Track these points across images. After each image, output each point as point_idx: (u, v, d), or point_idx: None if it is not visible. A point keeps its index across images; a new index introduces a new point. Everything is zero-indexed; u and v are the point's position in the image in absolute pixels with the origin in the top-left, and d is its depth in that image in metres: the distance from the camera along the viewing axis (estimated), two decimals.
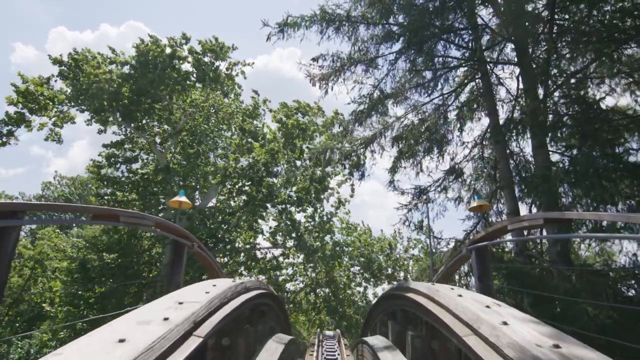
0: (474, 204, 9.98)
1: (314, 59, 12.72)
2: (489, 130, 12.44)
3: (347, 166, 13.30)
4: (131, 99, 21.61)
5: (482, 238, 6.89)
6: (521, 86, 12.34)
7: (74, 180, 38.32)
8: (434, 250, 31.73)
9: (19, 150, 79.96)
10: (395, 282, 29.09)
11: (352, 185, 26.16)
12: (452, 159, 13.19)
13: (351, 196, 26.35)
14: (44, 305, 22.21)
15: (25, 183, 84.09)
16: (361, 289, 28.71)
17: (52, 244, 26.50)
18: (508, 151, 11.94)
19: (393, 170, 13.43)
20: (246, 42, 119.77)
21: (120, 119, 22.93)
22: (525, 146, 13.03)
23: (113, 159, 23.69)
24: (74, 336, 22.09)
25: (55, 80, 20.87)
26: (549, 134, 10.40)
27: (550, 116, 10.93)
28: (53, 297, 22.23)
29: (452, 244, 13.81)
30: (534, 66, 11.49)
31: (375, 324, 10.59)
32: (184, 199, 11.25)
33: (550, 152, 11.02)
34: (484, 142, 12.92)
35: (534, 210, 11.29)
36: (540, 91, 11.10)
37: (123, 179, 24.02)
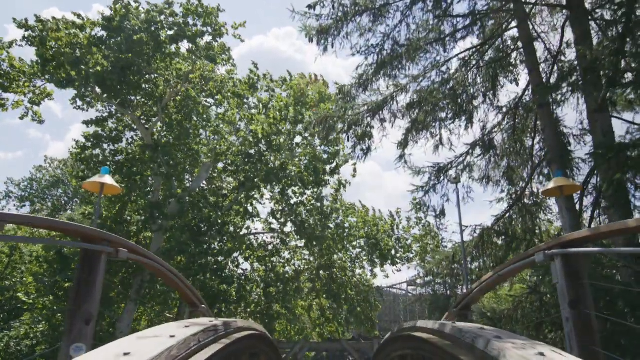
0: (550, 184, 7.08)
1: (310, 6, 9.82)
2: (527, 92, 9.61)
3: (350, 139, 10.51)
4: (111, 72, 18.65)
5: (582, 239, 4.18)
6: (567, 38, 9.46)
7: (65, 163, 35.57)
8: (444, 241, 29.16)
9: (16, 134, 76.98)
10: (398, 265, 26.63)
11: (355, 164, 23.42)
12: (481, 129, 10.39)
13: (353, 176, 23.58)
14: (19, 295, 19.65)
15: (25, 167, 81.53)
16: (360, 271, 26.31)
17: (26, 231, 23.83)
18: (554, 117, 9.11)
19: (404, 143, 10.63)
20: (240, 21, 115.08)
21: (101, 94, 19.99)
22: (569, 112, 10.26)
23: (96, 140, 20.86)
24: (52, 331, 19.83)
25: (21, 46, 17.91)
26: (612, 94, 7.56)
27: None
28: (29, 287, 19.66)
29: (477, 232, 11.10)
30: (590, 9, 8.59)
31: None
32: (108, 180, 7.88)
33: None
34: (519, 108, 10.07)
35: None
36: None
37: (108, 159, 21.22)
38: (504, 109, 10.12)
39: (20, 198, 38.96)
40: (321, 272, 23.50)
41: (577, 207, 8.59)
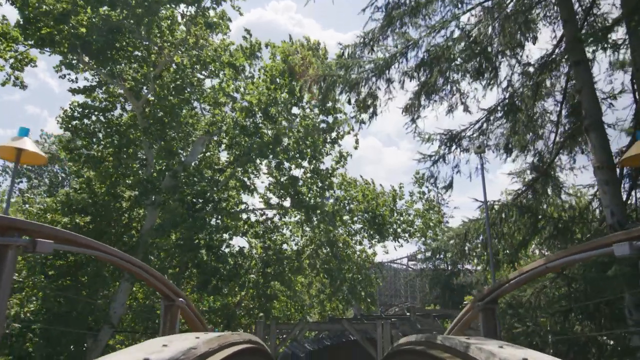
0: (633, 151, 5.62)
1: None
2: (560, 47, 8.16)
3: (352, 101, 9.09)
4: (97, 38, 17.06)
5: None
6: None
7: (59, 138, 33.94)
8: (446, 216, 27.93)
9: (14, 109, 75.23)
10: (399, 240, 25.47)
11: (357, 135, 21.98)
12: (503, 90, 8.95)
13: (355, 148, 22.17)
14: None
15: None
16: (360, 247, 25.22)
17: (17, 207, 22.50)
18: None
19: (416, 105, 9.21)
20: None
21: (88, 61, 18.44)
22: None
23: (86, 110, 19.41)
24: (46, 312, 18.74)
25: (0, 4, 16.30)
26: None
27: None
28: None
29: (494, 209, 9.77)
30: None
31: None
32: (28, 145, 5.84)
33: None
34: (547, 67, 8.61)
35: None
36: None
37: (98, 130, 19.80)
38: (530, 69, 8.68)
39: (17, 173, 37.67)
40: (320, 249, 22.30)
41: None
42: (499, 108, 9.49)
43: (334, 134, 20.27)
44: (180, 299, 5.98)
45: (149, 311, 24.21)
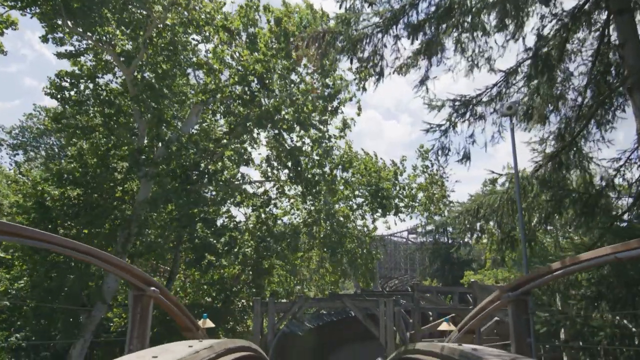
0: None
1: None
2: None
3: (354, 61, 7.90)
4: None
5: None
6: None
7: (46, 109, 32.67)
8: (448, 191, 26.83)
9: (11, 82, 73.41)
10: (401, 214, 24.55)
11: (359, 103, 20.74)
12: (525, 50, 7.73)
13: (358, 114, 20.94)
14: None
15: (22, 115, 78.71)
16: (362, 222, 24.32)
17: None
18: None
19: (424, 66, 8.03)
20: None
21: (73, 26, 17.06)
22: None
23: (74, 79, 18.12)
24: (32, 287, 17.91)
25: None
26: None
27: None
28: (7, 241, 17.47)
29: (508, 184, 8.69)
30: None
31: None
32: None
33: None
34: (581, 19, 7.38)
35: None
36: None
37: (87, 99, 18.57)
38: (560, 22, 7.44)
39: (12, 146, 36.56)
40: (320, 222, 21.32)
41: None
42: (519, 70, 8.31)
43: (335, 103, 19.00)
44: (153, 288, 4.95)
45: None
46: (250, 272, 19.85)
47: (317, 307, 18.35)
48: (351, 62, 7.97)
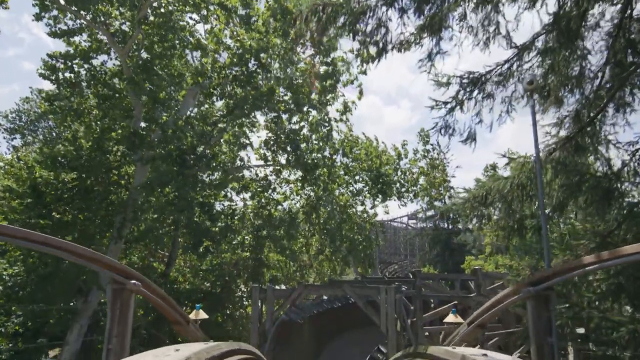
0: None
1: None
2: None
3: (356, 38, 7.28)
4: None
5: None
6: None
7: (40, 90, 31.84)
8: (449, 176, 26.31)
9: (10, 66, 72.38)
10: (403, 200, 24.08)
11: (360, 86, 20.09)
12: (544, 27, 7.10)
13: (359, 98, 20.30)
14: None
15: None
16: (362, 208, 23.90)
17: None
18: None
19: (434, 39, 7.41)
20: None
21: (65, 3, 16.31)
22: None
23: (68, 60, 17.44)
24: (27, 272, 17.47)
25: None
26: None
27: None
28: None
29: (526, 165, 8.12)
30: None
31: None
32: None
33: None
34: None
35: None
36: None
37: (81, 80, 17.91)
38: None
39: (10, 130, 35.91)
40: (319, 209, 20.82)
41: None
42: (534, 46, 7.68)
43: (336, 82, 18.32)
44: (133, 281, 4.43)
45: (145, 271, 23.16)
46: (250, 261, 19.44)
47: (316, 295, 17.93)
48: (353, 38, 7.34)
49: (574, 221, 7.76)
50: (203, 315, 7.33)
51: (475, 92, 8.40)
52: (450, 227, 37.87)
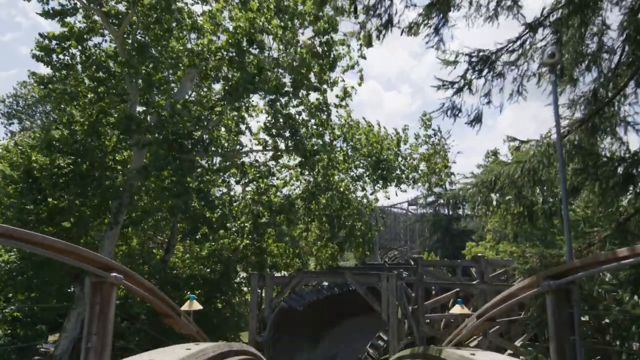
0: None
1: None
2: None
3: (357, 9, 6.76)
4: None
5: None
6: None
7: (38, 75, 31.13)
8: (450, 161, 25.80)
9: (7, 51, 71.36)
10: (403, 186, 23.65)
11: (361, 71, 19.54)
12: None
13: (359, 84, 19.74)
14: None
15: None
16: (362, 194, 23.50)
17: None
18: None
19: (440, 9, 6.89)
20: None
21: None
22: None
23: (62, 42, 16.81)
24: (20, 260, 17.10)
25: None
26: None
27: None
28: None
29: (534, 150, 7.66)
30: None
31: None
32: None
33: None
34: None
35: None
36: None
37: (75, 63, 17.32)
38: None
39: (7, 115, 35.31)
40: (319, 195, 20.38)
41: None
42: (548, 21, 7.15)
43: (337, 70, 17.75)
44: (114, 274, 3.99)
45: (145, 256, 22.81)
46: (249, 248, 19.08)
47: (316, 282, 17.60)
48: (355, 11, 6.82)
49: (586, 207, 7.32)
50: (197, 306, 6.92)
51: (485, 70, 7.91)
52: (450, 213, 37.52)
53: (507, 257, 26.41)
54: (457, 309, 7.04)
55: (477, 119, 8.16)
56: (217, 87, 18.67)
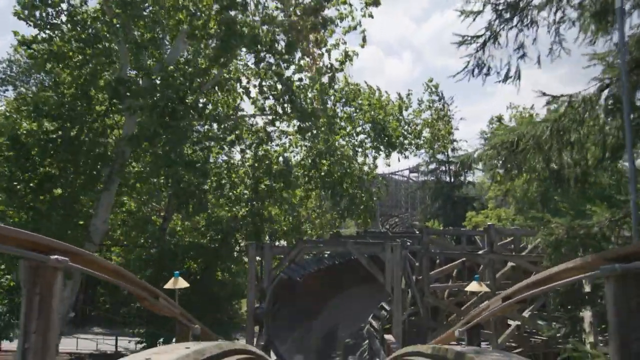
0: None
1: None
2: None
3: None
4: None
5: None
6: None
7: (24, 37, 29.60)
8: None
9: (4, 16, 68.80)
10: (406, 152, 22.66)
11: (364, 32, 18.23)
12: None
13: (362, 46, 18.47)
14: None
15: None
16: (362, 160, 22.56)
17: None
18: None
19: None
20: None
21: None
22: None
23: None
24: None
25: None
26: None
27: None
28: None
29: (564, 106, 6.63)
30: None
31: None
32: None
33: None
34: None
35: None
36: None
37: (62, 21, 16.05)
38: None
39: (1, 81, 33.97)
40: (319, 161, 19.40)
41: None
42: None
43: (338, 30, 16.46)
44: (56, 257, 3.05)
45: (142, 224, 22.07)
46: (248, 216, 18.28)
47: (316, 252, 16.85)
48: None
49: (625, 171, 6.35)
50: (183, 283, 6.05)
51: (516, 19, 6.82)
52: (452, 180, 36.62)
53: (510, 226, 25.71)
54: (474, 286, 6.18)
55: (508, 76, 7.11)
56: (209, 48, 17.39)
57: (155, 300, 4.82)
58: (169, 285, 6.00)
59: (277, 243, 19.84)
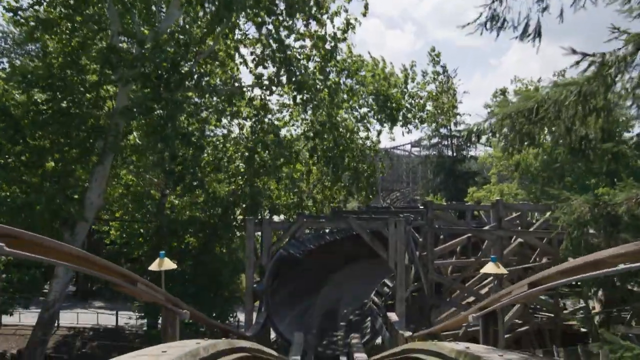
0: None
1: None
2: None
3: None
4: None
5: None
6: None
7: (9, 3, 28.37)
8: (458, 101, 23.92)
9: None
10: (410, 126, 21.83)
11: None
12: None
13: (364, 14, 17.48)
14: None
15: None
16: (365, 134, 21.83)
17: None
18: None
19: None
20: None
21: None
22: None
23: None
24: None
25: None
26: None
27: None
28: None
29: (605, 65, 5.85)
30: None
31: None
32: None
33: None
34: None
35: None
36: None
37: None
38: None
39: None
40: (320, 135, 18.62)
41: None
42: None
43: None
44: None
45: (141, 200, 21.47)
46: (246, 190, 17.66)
47: (317, 228, 16.27)
48: None
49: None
50: (169, 264, 5.42)
51: None
52: (454, 154, 35.86)
53: (513, 201, 25.07)
54: (490, 268, 5.55)
55: (536, 33, 6.28)
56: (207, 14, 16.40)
57: (132, 286, 4.19)
58: (153, 266, 5.37)
59: (276, 218, 19.29)
